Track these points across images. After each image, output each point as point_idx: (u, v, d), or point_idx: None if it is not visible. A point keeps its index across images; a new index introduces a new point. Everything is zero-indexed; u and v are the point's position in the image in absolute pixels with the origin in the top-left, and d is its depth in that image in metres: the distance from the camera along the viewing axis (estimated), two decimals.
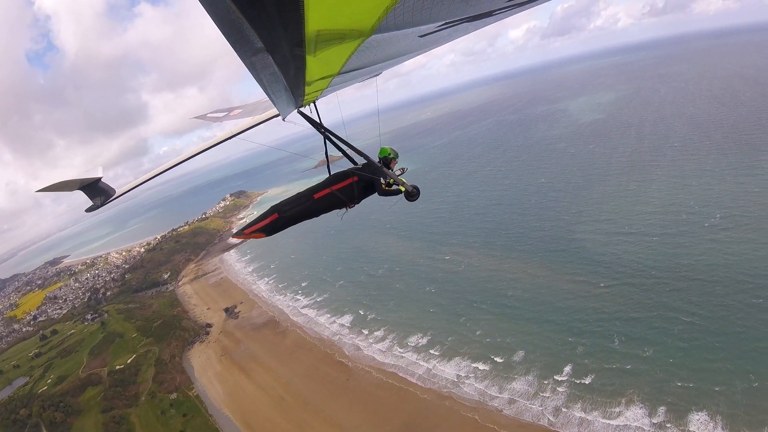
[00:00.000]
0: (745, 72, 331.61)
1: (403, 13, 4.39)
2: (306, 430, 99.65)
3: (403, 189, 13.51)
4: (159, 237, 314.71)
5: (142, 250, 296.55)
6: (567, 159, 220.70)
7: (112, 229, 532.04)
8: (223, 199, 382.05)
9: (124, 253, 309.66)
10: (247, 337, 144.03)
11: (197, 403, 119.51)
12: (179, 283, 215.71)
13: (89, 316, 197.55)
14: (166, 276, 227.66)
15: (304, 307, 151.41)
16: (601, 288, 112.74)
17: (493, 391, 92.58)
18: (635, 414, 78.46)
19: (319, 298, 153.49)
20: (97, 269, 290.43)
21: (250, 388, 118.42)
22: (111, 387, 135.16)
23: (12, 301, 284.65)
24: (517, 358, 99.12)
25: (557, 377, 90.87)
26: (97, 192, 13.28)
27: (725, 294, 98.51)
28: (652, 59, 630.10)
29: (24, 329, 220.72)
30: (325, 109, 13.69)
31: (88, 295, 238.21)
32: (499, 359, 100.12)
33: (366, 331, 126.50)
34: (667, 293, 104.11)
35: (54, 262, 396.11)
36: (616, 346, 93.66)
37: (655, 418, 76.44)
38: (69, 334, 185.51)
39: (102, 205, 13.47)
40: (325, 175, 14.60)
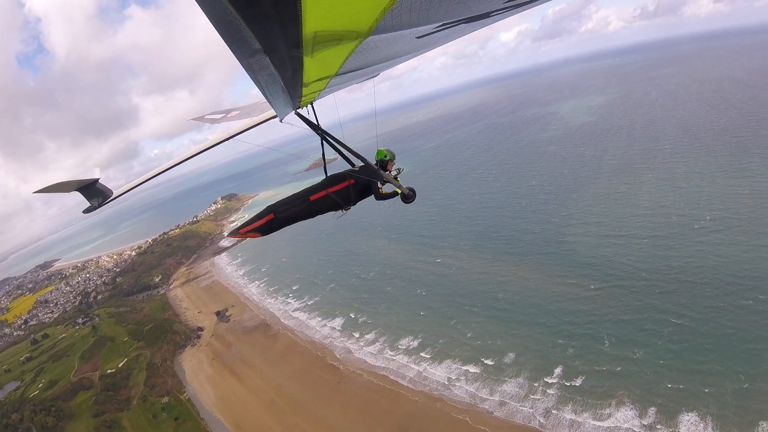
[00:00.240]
0: (736, 75, 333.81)
1: (401, 15, 4.43)
2: None
3: (399, 192, 13.63)
4: (150, 240, 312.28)
5: (133, 253, 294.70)
6: (557, 162, 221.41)
7: (103, 233, 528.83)
8: (215, 202, 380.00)
9: (115, 257, 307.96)
10: (239, 340, 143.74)
11: (189, 406, 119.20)
12: (170, 287, 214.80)
13: (80, 320, 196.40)
14: (157, 279, 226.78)
15: (295, 310, 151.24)
16: (592, 290, 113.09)
17: (484, 393, 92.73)
18: (625, 415, 78.76)
19: (311, 302, 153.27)
20: (88, 273, 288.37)
21: (242, 392, 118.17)
22: (102, 391, 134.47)
23: (2, 305, 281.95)
24: (508, 360, 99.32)
25: (548, 379, 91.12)
26: (95, 193, 13.32)
27: (715, 296, 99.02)
28: (643, 62, 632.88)
29: (15, 333, 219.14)
30: (319, 111, 13.73)
31: (79, 298, 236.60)
32: (489, 362, 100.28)
33: (357, 334, 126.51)
34: (657, 295, 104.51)
35: (45, 266, 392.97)
36: (606, 348, 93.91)
37: (646, 419, 76.71)
38: (60, 338, 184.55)
39: (99, 206, 13.50)
40: (317, 178, 14.67)
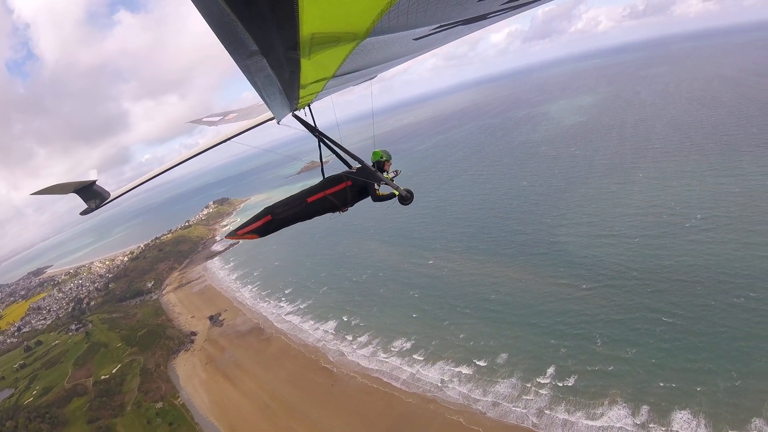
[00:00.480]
0: (725, 73, 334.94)
1: (398, 16, 4.51)
2: None
3: (396, 193, 13.68)
4: (142, 245, 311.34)
5: (126, 259, 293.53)
6: (548, 162, 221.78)
7: (95, 238, 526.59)
8: (206, 207, 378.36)
9: (107, 263, 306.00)
10: (232, 344, 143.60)
11: (183, 411, 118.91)
12: (163, 292, 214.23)
13: (73, 327, 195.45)
14: (150, 285, 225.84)
15: (288, 313, 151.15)
16: (583, 290, 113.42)
17: (477, 394, 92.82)
18: (618, 414, 78.89)
19: (303, 305, 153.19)
20: (81, 279, 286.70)
21: (236, 396, 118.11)
22: (96, 397, 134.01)
23: None
24: (501, 361, 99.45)
25: (540, 379, 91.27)
26: (92, 195, 13.38)
27: (706, 294, 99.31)
28: (633, 62, 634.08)
29: (8, 341, 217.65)
30: (315, 113, 13.85)
31: (72, 305, 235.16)
32: (482, 363, 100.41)
33: (350, 336, 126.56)
34: (649, 294, 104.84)
35: (37, 273, 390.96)
36: (598, 348, 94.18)
37: (638, 418, 76.88)
38: (53, 344, 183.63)
39: (97, 208, 13.56)
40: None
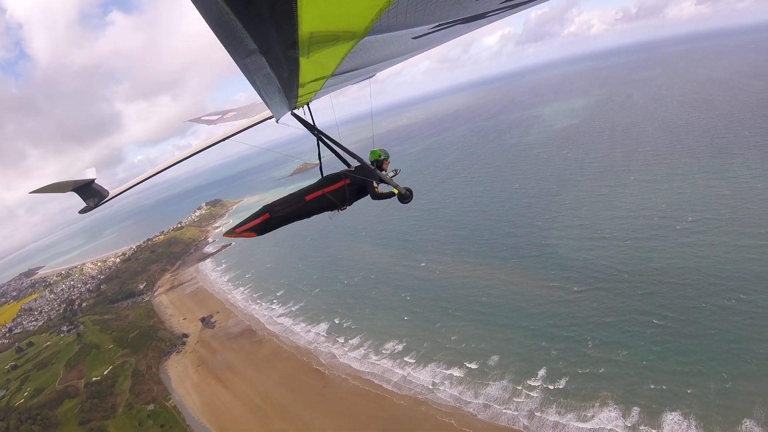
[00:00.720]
0: (718, 76, 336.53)
1: (397, 15, 4.50)
2: None
3: (396, 191, 13.74)
4: (134, 247, 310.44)
5: (118, 260, 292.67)
6: (540, 165, 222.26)
7: (87, 240, 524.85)
8: (199, 208, 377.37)
9: (99, 264, 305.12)
10: (224, 346, 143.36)
11: (175, 413, 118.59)
12: (155, 294, 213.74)
13: (65, 328, 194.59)
14: (141, 286, 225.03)
15: (280, 315, 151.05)
16: (574, 293, 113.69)
17: (469, 396, 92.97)
18: (609, 416, 79.21)
19: (295, 307, 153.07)
20: (73, 280, 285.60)
21: (228, 398, 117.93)
22: (88, 399, 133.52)
23: None
24: (492, 363, 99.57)
25: (531, 382, 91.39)
26: (91, 193, 13.43)
27: (697, 296, 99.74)
28: (626, 64, 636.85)
29: None
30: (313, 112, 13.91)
31: (63, 306, 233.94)
32: (473, 365, 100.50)
33: (342, 339, 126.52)
34: (640, 297, 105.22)
35: (29, 274, 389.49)
36: (589, 350, 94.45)
37: (629, 420, 77.18)
38: (45, 346, 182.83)
39: (95, 206, 13.60)
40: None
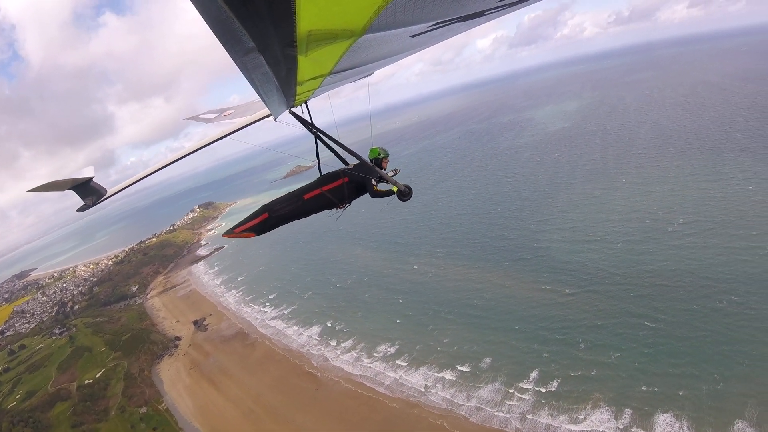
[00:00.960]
0: (709, 78, 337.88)
1: (395, 13, 4.47)
2: None
3: (395, 189, 13.76)
4: (127, 249, 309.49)
5: (110, 262, 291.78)
6: (533, 167, 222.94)
7: (80, 242, 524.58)
8: (192, 211, 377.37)
9: (91, 266, 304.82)
10: (216, 349, 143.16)
11: (167, 416, 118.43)
12: (148, 296, 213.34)
13: (57, 330, 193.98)
14: (134, 289, 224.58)
15: (272, 318, 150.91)
16: (566, 296, 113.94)
17: (461, 399, 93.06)
18: (601, 418, 79.46)
19: (288, 310, 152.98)
20: (65, 282, 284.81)
21: (220, 401, 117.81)
22: (80, 402, 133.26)
23: None
24: (484, 366, 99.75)
25: (523, 384, 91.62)
26: (89, 192, 13.32)
27: (689, 299, 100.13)
28: (618, 67, 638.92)
29: None
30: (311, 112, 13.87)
31: (56, 308, 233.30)
32: (466, 368, 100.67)
33: (334, 342, 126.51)
34: (632, 299, 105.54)
35: (21, 276, 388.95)
36: (581, 353, 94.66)
37: (621, 421, 77.45)
38: (37, 348, 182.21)
39: (93, 204, 13.51)
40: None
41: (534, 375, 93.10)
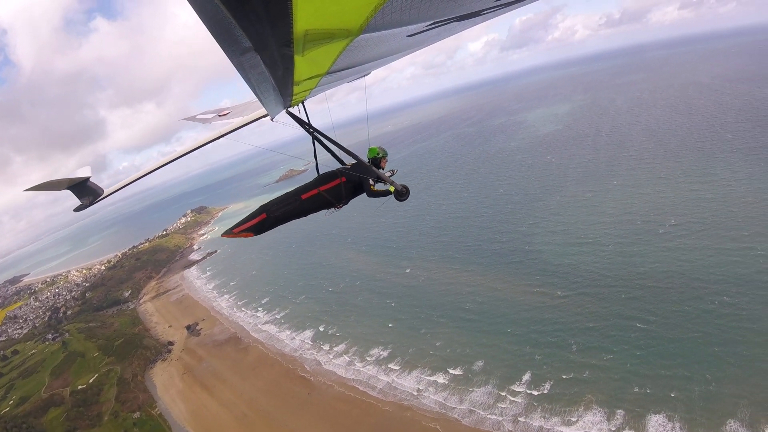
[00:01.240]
0: (700, 80, 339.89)
1: (392, 13, 4.46)
2: None
3: (392, 189, 14.06)
4: (119, 254, 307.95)
5: (103, 267, 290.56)
6: (524, 170, 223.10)
7: (72, 247, 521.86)
8: (184, 215, 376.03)
9: (84, 271, 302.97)
10: (209, 354, 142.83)
11: (160, 421, 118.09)
12: (140, 301, 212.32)
13: (50, 336, 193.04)
14: (127, 294, 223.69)
15: (265, 323, 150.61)
16: (558, 298, 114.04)
17: (453, 401, 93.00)
18: (593, 420, 79.38)
19: (281, 314, 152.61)
20: (58, 288, 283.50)
21: (213, 406, 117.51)
22: (74, 407, 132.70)
23: None
24: (476, 368, 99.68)
25: (516, 387, 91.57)
26: (86, 192, 13.50)
27: (680, 300, 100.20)
28: (609, 69, 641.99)
29: None
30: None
31: (48, 314, 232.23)
32: (458, 371, 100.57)
33: (327, 346, 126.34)
34: (623, 301, 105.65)
35: (14, 281, 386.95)
36: (573, 355, 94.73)
37: (613, 423, 77.39)
38: (30, 354, 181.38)
39: (90, 204, 13.67)
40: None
41: (526, 377, 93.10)
